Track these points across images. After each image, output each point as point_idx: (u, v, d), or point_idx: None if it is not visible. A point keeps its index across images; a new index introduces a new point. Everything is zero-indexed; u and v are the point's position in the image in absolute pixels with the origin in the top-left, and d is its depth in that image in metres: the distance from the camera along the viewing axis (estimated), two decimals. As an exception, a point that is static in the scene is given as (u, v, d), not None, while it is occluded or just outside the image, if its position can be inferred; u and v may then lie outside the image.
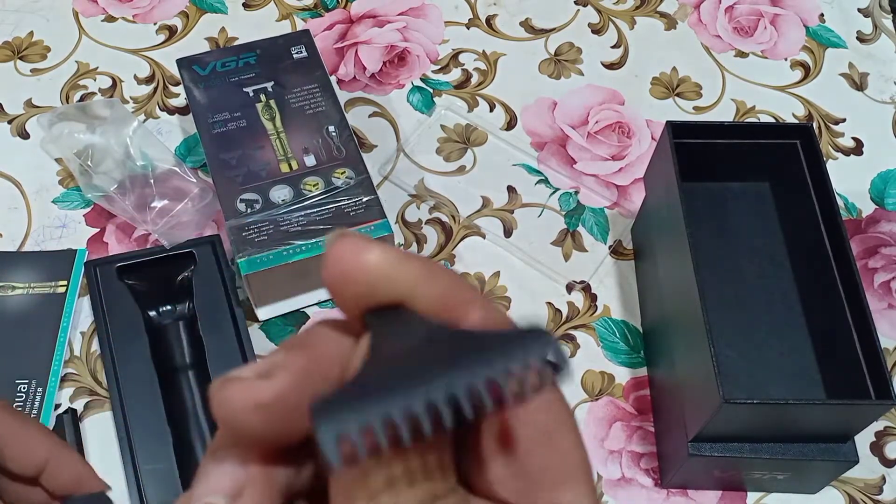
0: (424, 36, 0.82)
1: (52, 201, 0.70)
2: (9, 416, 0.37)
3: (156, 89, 0.77)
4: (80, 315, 0.65)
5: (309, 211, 0.61)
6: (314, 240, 0.60)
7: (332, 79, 0.74)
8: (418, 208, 0.71)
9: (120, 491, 0.57)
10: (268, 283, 0.61)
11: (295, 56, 0.70)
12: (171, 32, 0.81)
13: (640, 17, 0.85)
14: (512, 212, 0.71)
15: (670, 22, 0.84)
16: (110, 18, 0.82)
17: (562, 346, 0.18)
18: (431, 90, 0.78)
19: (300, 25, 0.83)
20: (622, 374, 0.64)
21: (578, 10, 0.85)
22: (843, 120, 0.78)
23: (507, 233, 0.70)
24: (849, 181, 0.74)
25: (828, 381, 0.54)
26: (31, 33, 0.81)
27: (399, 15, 0.84)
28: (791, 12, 0.85)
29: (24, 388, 0.60)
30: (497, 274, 0.68)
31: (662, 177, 0.58)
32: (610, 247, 0.70)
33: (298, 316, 0.65)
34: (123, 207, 0.66)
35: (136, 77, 0.78)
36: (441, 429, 0.17)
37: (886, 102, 0.79)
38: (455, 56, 0.81)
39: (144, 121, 0.75)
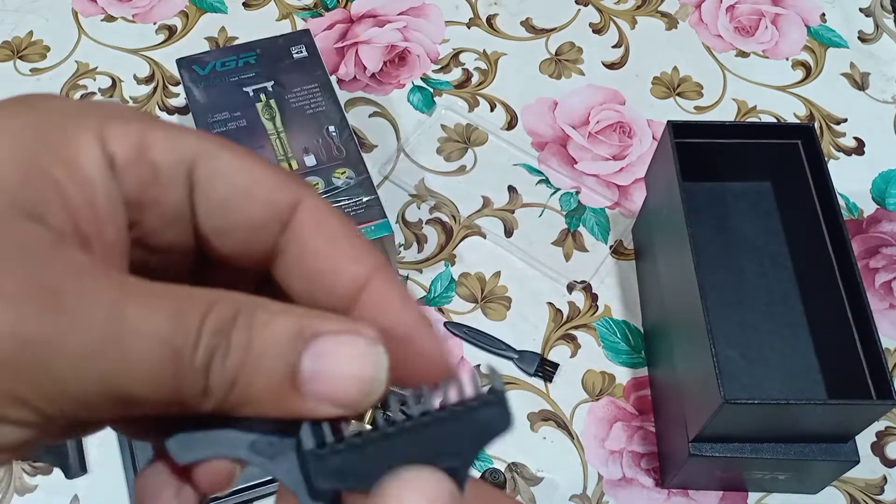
0: (425, 36, 0.82)
1: (52, 201, 0.70)
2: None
3: (155, 89, 0.77)
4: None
5: (309, 211, 0.61)
6: (314, 240, 0.60)
7: (333, 79, 0.74)
8: (419, 208, 0.71)
9: (120, 491, 0.57)
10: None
11: (295, 56, 0.70)
12: (171, 32, 0.81)
13: (641, 16, 0.85)
14: (513, 212, 0.71)
15: (671, 21, 0.84)
16: (110, 18, 0.82)
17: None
18: (432, 90, 0.78)
19: (300, 25, 0.82)
20: (623, 374, 0.64)
21: (579, 9, 0.85)
22: (845, 120, 0.78)
23: (508, 233, 0.70)
24: (850, 181, 0.73)
25: (829, 381, 0.54)
26: (31, 33, 0.81)
27: (399, 14, 0.83)
28: (792, 12, 0.85)
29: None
30: (497, 274, 0.68)
31: (663, 177, 0.58)
32: (611, 247, 0.69)
33: (298, 316, 0.65)
34: (123, 207, 0.66)
35: (135, 77, 0.78)
36: None
37: (888, 102, 0.79)
38: (455, 56, 0.81)
39: (144, 121, 0.75)
